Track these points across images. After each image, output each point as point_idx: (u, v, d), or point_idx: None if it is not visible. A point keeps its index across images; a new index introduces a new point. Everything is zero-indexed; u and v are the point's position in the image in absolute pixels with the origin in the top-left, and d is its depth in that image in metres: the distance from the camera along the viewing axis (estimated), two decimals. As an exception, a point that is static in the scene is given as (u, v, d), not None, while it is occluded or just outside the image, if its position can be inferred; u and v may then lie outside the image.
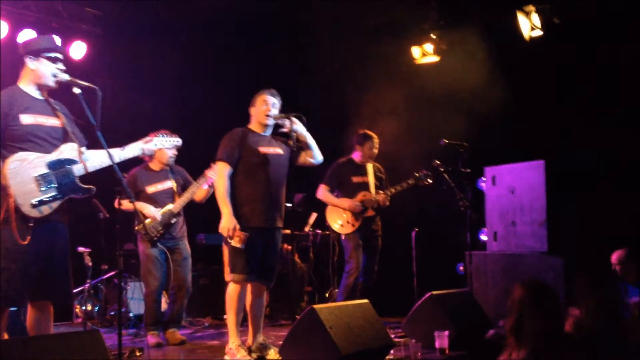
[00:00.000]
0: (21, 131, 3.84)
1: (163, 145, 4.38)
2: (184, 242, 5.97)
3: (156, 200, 5.79)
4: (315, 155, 5.01)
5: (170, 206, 5.82)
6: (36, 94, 3.99)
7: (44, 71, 3.95)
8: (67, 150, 3.96)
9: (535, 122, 6.89)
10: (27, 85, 3.97)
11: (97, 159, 4.01)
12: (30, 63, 3.94)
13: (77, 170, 3.95)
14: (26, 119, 3.87)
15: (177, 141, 4.55)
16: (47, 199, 3.82)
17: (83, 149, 4.01)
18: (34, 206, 3.76)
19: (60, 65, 4.00)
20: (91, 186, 4.01)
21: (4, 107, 3.82)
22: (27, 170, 3.78)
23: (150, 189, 5.81)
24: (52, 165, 3.87)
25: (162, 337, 5.80)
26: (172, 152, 5.91)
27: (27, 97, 3.94)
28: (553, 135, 6.74)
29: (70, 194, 3.92)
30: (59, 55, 4.01)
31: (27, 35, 7.15)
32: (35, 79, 3.96)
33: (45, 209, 3.82)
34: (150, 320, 5.76)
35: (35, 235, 3.78)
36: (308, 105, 6.77)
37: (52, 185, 3.84)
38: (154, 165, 5.93)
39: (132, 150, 4.16)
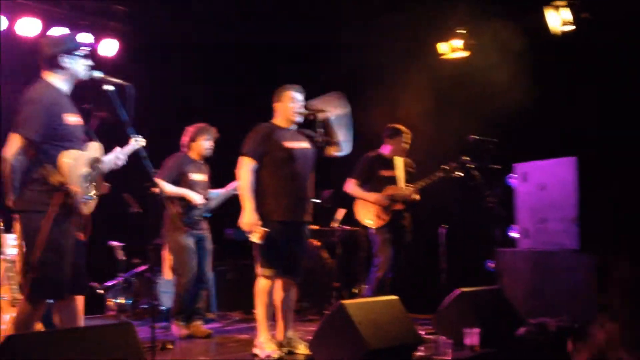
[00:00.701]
0: (66, 130, 3.91)
1: (137, 145, 4.32)
2: (208, 235, 6.10)
3: (195, 188, 5.92)
4: (343, 148, 5.02)
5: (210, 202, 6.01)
6: (66, 90, 4.04)
7: (78, 68, 4.00)
8: (95, 149, 4.05)
9: (567, 117, 6.81)
10: (59, 83, 4.00)
11: (112, 160, 4.14)
12: (66, 61, 3.97)
13: (102, 169, 4.05)
14: (69, 118, 3.94)
15: (142, 141, 4.51)
16: (89, 197, 3.92)
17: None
18: (84, 203, 3.89)
19: (89, 61, 4.06)
20: (108, 184, 4.13)
21: (51, 104, 3.87)
22: (77, 168, 3.86)
23: (192, 176, 5.96)
24: (91, 164, 3.96)
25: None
26: (209, 144, 6.04)
27: (63, 96, 4.00)
28: (585, 131, 6.65)
29: (99, 192, 4.02)
30: (87, 51, 4.06)
31: (58, 32, 7.27)
32: (69, 76, 4.00)
33: (91, 206, 3.95)
34: (177, 310, 5.85)
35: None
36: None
37: (92, 184, 3.94)
38: (193, 155, 6.06)
39: (110, 159, 4.18)
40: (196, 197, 5.85)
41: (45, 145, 3.82)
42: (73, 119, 3.97)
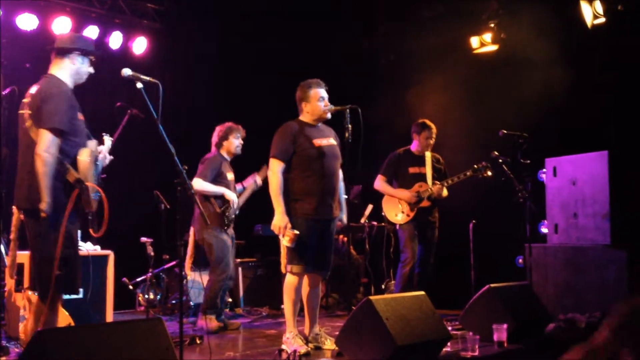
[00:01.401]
0: (79, 127, 3.98)
1: (109, 145, 4.35)
2: (233, 233, 6.19)
3: (230, 187, 6.04)
4: None
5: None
6: (71, 87, 4.10)
7: (83, 70, 4.09)
8: (95, 147, 4.10)
9: (598, 111, 6.71)
10: (67, 79, 4.07)
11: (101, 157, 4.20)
12: (76, 59, 4.06)
13: (100, 166, 4.14)
14: (79, 114, 4.02)
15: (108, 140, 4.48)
16: (98, 194, 3.97)
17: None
18: (94, 200, 3.96)
19: (91, 69, 4.14)
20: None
21: (71, 99, 3.94)
22: (91, 165, 3.94)
23: (229, 176, 6.09)
24: (95, 161, 4.03)
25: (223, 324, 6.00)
26: (239, 142, 6.15)
27: (73, 93, 4.06)
28: (616, 125, 6.55)
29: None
30: (94, 60, 4.15)
31: (90, 32, 7.37)
32: (75, 74, 4.07)
33: (96, 202, 3.97)
34: (209, 305, 5.91)
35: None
36: (363, 96, 6.77)
37: (97, 181, 4.02)
38: (225, 154, 6.15)
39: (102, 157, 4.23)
40: (233, 197, 5.96)
41: (63, 141, 3.87)
42: (81, 115, 4.04)
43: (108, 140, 4.32)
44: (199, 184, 5.77)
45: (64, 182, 3.86)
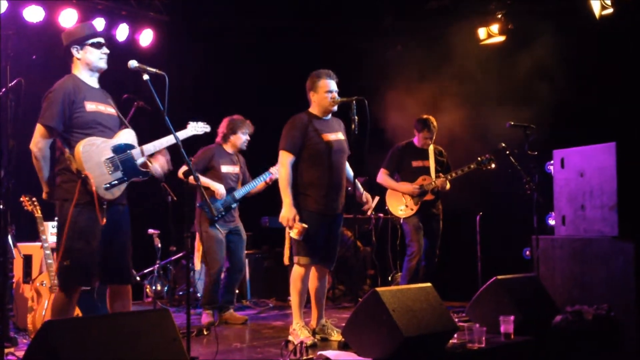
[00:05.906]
0: (86, 118, 3.99)
1: (196, 131, 4.62)
2: (241, 225, 6.15)
3: (225, 179, 5.98)
4: None
5: (235, 191, 6.01)
6: (91, 82, 4.13)
7: (90, 58, 4.09)
8: (126, 135, 4.13)
9: (606, 103, 6.67)
10: (80, 74, 4.11)
11: (151, 145, 4.20)
12: (76, 53, 4.09)
13: (136, 154, 4.11)
14: (89, 106, 4.02)
15: (206, 127, 4.76)
16: (116, 182, 3.97)
17: None
18: (106, 189, 3.92)
19: (105, 50, 4.13)
20: (149, 169, 4.17)
21: (70, 93, 3.97)
22: (96, 154, 3.93)
23: (224, 168, 6.00)
24: (116, 150, 4.02)
25: (216, 318, 5.97)
26: (246, 137, 6.09)
27: (85, 85, 4.08)
28: (625, 116, 6.51)
29: (132, 177, 4.08)
30: (102, 40, 4.13)
31: (97, 23, 7.37)
32: (85, 66, 4.10)
33: (116, 192, 3.98)
34: (206, 300, 5.91)
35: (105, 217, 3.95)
36: (370, 88, 6.75)
37: (119, 168, 4.00)
38: (227, 148, 6.10)
39: (167, 140, 4.24)
40: (218, 188, 5.87)
41: (67, 133, 3.94)
42: (94, 106, 4.05)
43: (191, 128, 4.58)
44: None
45: (69, 173, 3.92)
